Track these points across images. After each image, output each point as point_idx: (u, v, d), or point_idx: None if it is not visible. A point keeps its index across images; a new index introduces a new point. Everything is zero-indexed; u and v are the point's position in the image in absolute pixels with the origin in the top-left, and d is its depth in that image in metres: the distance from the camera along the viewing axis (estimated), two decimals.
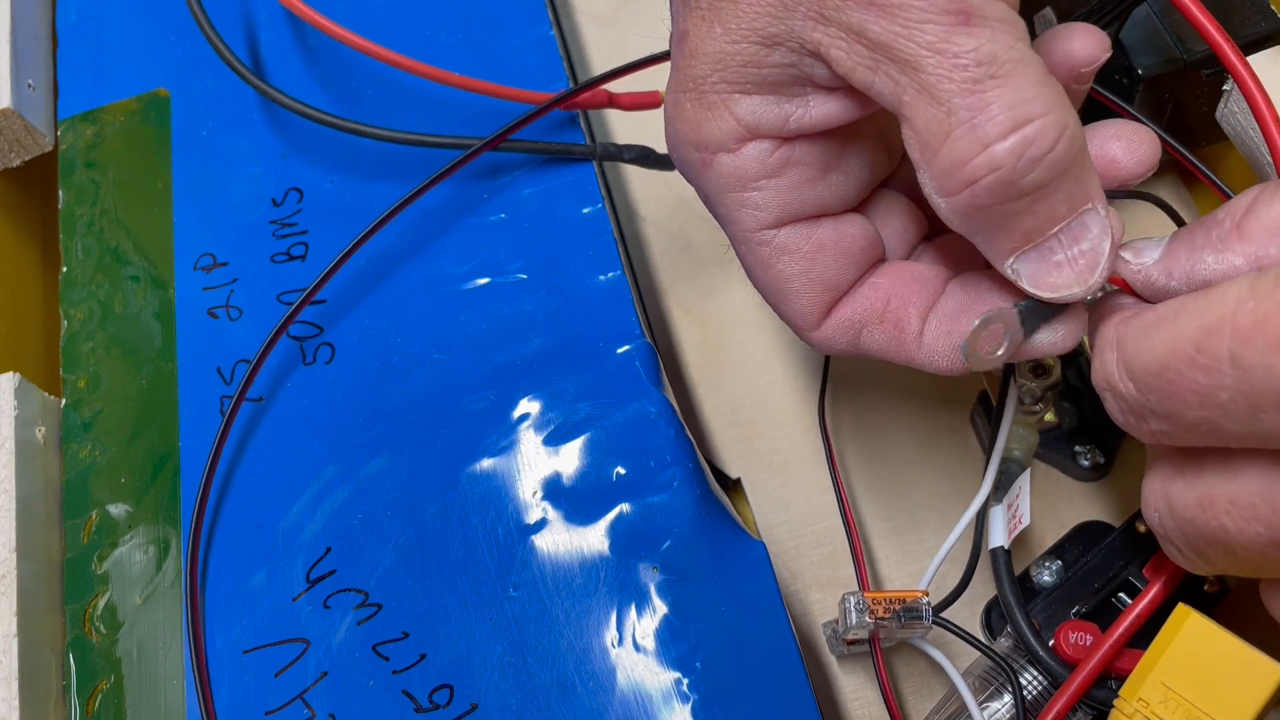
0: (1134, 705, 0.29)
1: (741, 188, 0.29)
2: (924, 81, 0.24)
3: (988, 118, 0.24)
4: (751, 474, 0.41)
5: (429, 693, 0.34)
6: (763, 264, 0.30)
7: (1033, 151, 0.24)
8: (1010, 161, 0.24)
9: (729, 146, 0.29)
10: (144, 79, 0.46)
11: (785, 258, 0.30)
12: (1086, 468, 0.39)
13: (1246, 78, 0.28)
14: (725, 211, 0.30)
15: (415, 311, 0.40)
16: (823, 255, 0.30)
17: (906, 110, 0.25)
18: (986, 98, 0.24)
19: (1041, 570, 0.36)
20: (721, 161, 0.29)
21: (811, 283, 0.30)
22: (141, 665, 0.36)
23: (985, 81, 0.24)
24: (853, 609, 0.33)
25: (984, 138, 0.24)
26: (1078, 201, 0.26)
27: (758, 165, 0.29)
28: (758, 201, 0.29)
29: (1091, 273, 0.27)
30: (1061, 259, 0.27)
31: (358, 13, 0.46)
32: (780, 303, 0.31)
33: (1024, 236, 0.26)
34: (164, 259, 0.42)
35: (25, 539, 0.37)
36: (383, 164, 0.43)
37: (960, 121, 0.24)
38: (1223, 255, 0.26)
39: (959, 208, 0.26)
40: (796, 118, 0.28)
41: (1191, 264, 0.27)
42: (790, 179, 0.29)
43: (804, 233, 0.29)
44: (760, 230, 0.29)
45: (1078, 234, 0.26)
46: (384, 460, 0.37)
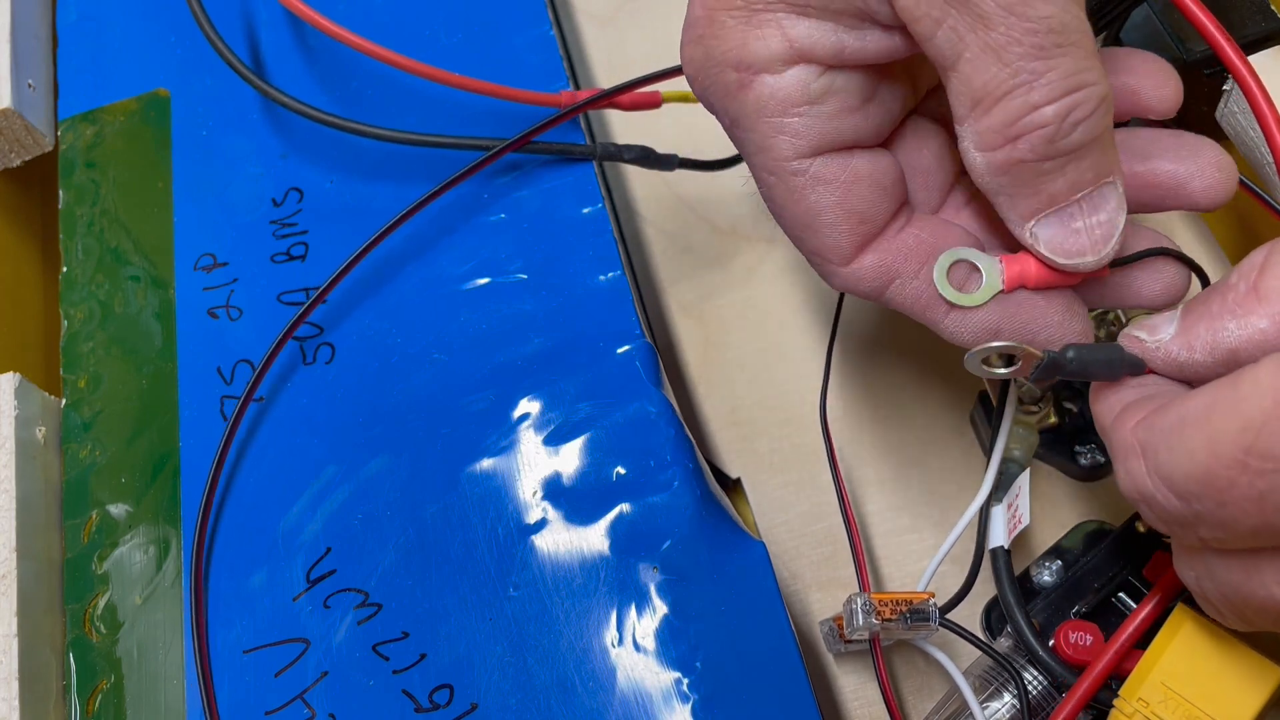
0: (1134, 705, 0.29)
1: (782, 112, 0.28)
2: (992, 40, 0.25)
3: (1046, 82, 0.25)
4: (751, 474, 0.41)
5: (429, 692, 0.34)
6: (795, 194, 0.29)
7: (1076, 115, 0.26)
8: (1056, 121, 0.25)
9: (774, 68, 0.28)
10: (144, 79, 0.46)
11: (821, 187, 0.29)
12: (1086, 468, 0.39)
13: (1247, 77, 0.28)
14: (758, 138, 0.29)
15: (415, 311, 0.40)
16: (859, 185, 0.29)
17: (964, 66, 0.25)
18: (1050, 63, 0.25)
19: (1041, 570, 0.36)
20: (764, 83, 0.28)
21: (847, 214, 0.29)
22: (141, 665, 0.36)
23: (1052, 50, 0.25)
24: (859, 610, 0.33)
25: (1037, 99, 0.25)
26: (1103, 172, 0.27)
27: (801, 90, 0.28)
28: (796, 128, 0.28)
29: (1106, 243, 0.28)
30: (1080, 226, 0.28)
31: (358, 13, 0.46)
32: (811, 235, 0.30)
33: (1050, 198, 0.27)
34: (164, 259, 0.42)
35: (25, 539, 0.37)
36: (383, 164, 0.43)
37: (1021, 83, 0.25)
38: (1245, 320, 0.25)
39: (998, 162, 0.26)
40: (853, 49, 0.28)
41: (1213, 334, 0.26)
42: (831, 106, 0.28)
43: (840, 163, 0.29)
44: (796, 159, 0.29)
45: (1098, 203, 0.27)
46: (384, 460, 0.37)
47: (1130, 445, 0.25)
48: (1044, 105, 0.25)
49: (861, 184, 0.29)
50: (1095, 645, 0.32)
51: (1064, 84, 0.25)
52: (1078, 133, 0.26)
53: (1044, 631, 0.34)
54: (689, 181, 0.46)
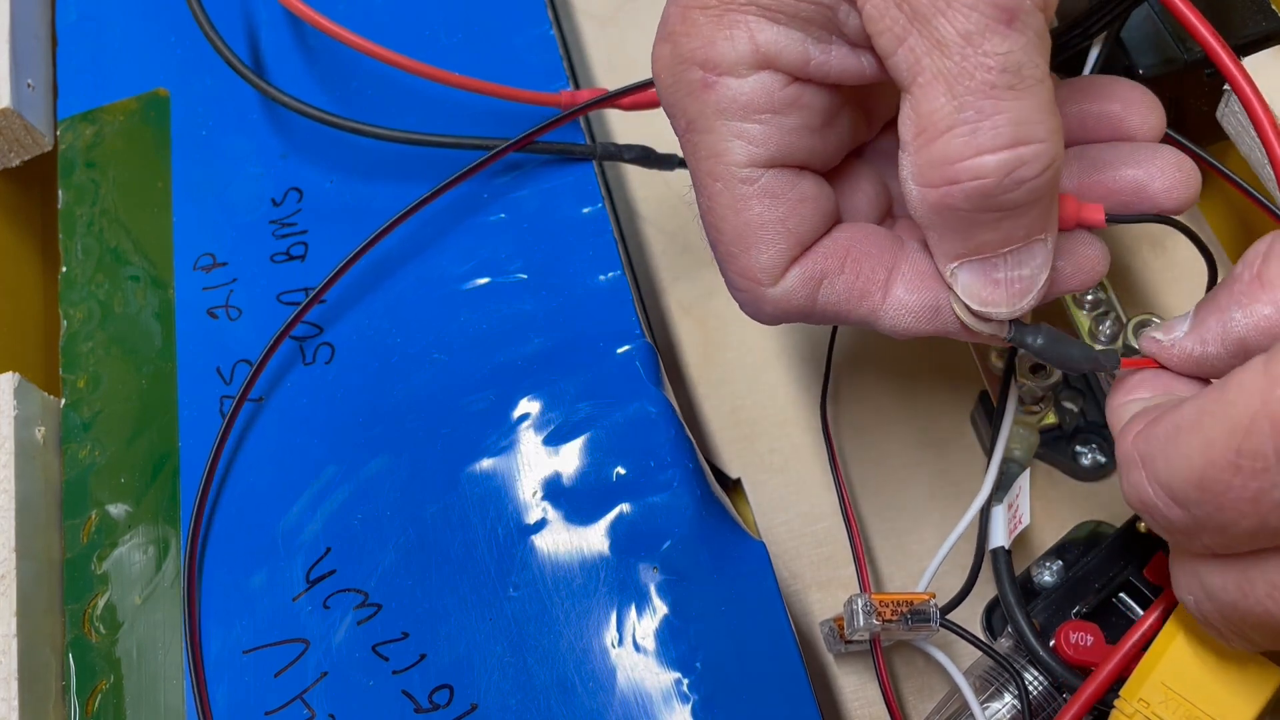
0: (1134, 705, 0.29)
1: (742, 116, 0.28)
2: (945, 68, 0.24)
3: (992, 126, 0.24)
4: (751, 474, 0.41)
5: (429, 693, 0.34)
6: (739, 204, 0.28)
7: (1020, 173, 0.25)
8: (997, 175, 0.25)
9: (738, 70, 0.27)
10: (144, 79, 0.46)
11: (767, 201, 0.28)
12: (1086, 468, 0.39)
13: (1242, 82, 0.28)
14: (713, 140, 0.28)
15: (415, 311, 0.40)
16: (804, 207, 0.28)
17: (916, 90, 0.25)
18: (999, 104, 0.24)
19: (1042, 570, 0.36)
20: (727, 84, 0.27)
21: (787, 233, 0.28)
22: (141, 665, 0.36)
23: (1003, 90, 0.24)
24: (860, 611, 0.33)
25: (980, 145, 0.24)
26: (1035, 231, 0.26)
27: (765, 96, 0.27)
28: (754, 135, 0.28)
29: (1022, 298, 0.27)
30: (1000, 278, 0.27)
31: (358, 13, 0.46)
32: (744, 250, 0.29)
33: (976, 247, 0.27)
34: (164, 259, 0.42)
35: (25, 539, 0.37)
36: (383, 164, 0.43)
37: (965, 120, 0.24)
38: (1250, 309, 0.26)
39: (931, 201, 0.26)
40: (818, 62, 0.27)
41: (1222, 326, 0.26)
42: (793, 121, 0.28)
43: (790, 180, 0.28)
44: (749, 166, 0.28)
45: (1023, 258, 0.27)
46: (384, 460, 0.37)
47: (1131, 457, 0.25)
48: (987, 153, 0.24)
49: (806, 204, 0.29)
50: (1096, 646, 0.32)
51: (1011, 133, 0.24)
52: (1018, 193, 0.25)
53: (1045, 632, 0.33)
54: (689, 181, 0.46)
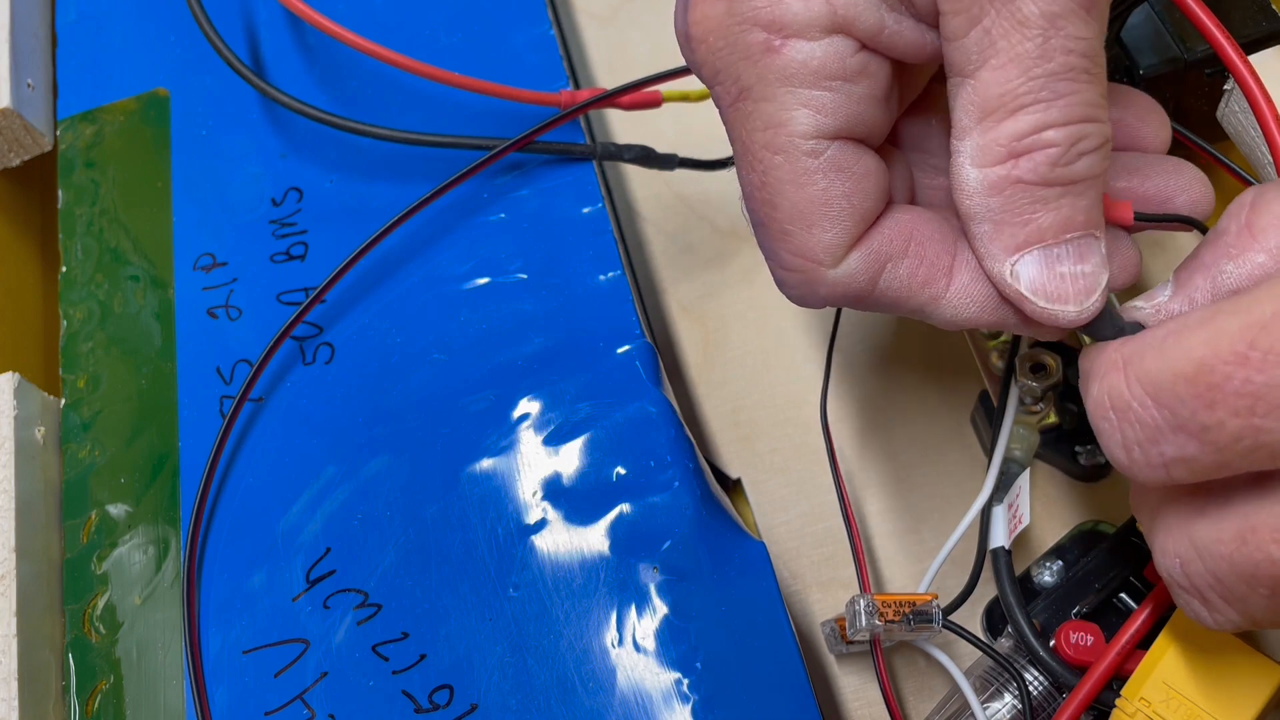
0: (1136, 705, 0.29)
1: (811, 83, 0.26)
2: (1024, 50, 0.24)
3: (1065, 104, 0.24)
4: (751, 474, 0.41)
5: (429, 693, 0.34)
6: (800, 179, 0.27)
7: (1083, 145, 0.25)
8: (1066, 144, 0.25)
9: (810, 33, 0.26)
10: (144, 79, 0.46)
11: (833, 175, 0.26)
12: (1086, 468, 0.39)
13: (1247, 77, 0.28)
14: (773, 110, 0.26)
15: (415, 311, 0.40)
16: (868, 182, 0.27)
17: (986, 74, 0.25)
18: (1075, 86, 0.24)
19: (1042, 570, 0.36)
20: (795, 48, 0.26)
21: (852, 210, 0.27)
22: (141, 665, 0.36)
23: (1079, 74, 0.24)
24: (862, 612, 0.33)
25: (1051, 119, 0.25)
26: (1092, 221, 0.26)
27: (838, 62, 0.26)
28: (824, 103, 0.26)
29: (1089, 296, 0.26)
30: (1065, 272, 0.26)
31: (358, 13, 0.46)
32: (804, 229, 0.27)
33: (1037, 232, 0.26)
34: (164, 259, 0.42)
35: (25, 539, 0.37)
36: (383, 164, 0.43)
37: (1042, 100, 0.24)
38: (1242, 259, 0.25)
39: (993, 179, 0.25)
40: (890, 31, 0.26)
41: (1211, 281, 0.25)
42: (862, 89, 0.26)
43: (855, 153, 0.27)
44: (817, 138, 0.26)
45: (1084, 253, 0.26)
46: (384, 460, 0.37)
47: (1112, 361, 0.24)
48: (1056, 126, 0.25)
49: (870, 181, 0.27)
50: (1096, 646, 0.32)
51: (1081, 111, 0.25)
52: (1081, 164, 0.25)
53: (1045, 632, 0.33)
54: (689, 181, 0.46)
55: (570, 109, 0.40)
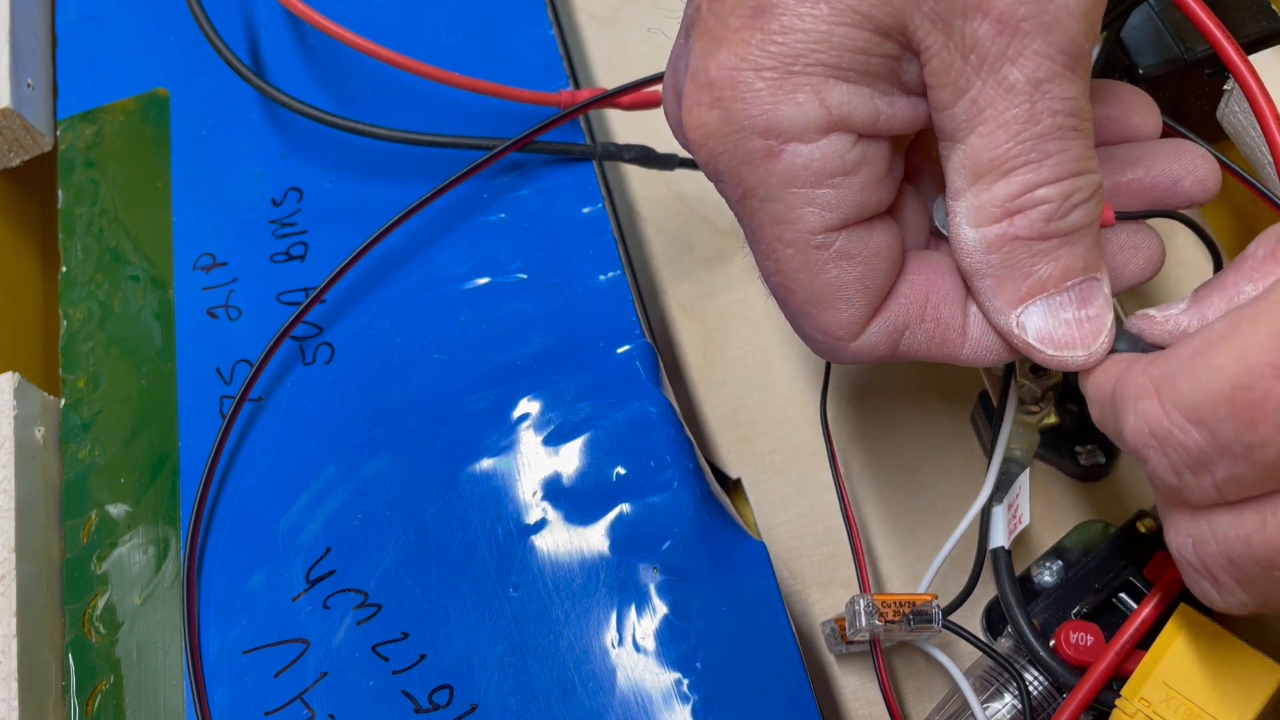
0: (1136, 705, 0.29)
1: (813, 183, 0.26)
2: (1011, 116, 0.25)
3: (1055, 163, 0.25)
4: (751, 474, 0.41)
5: (429, 693, 0.34)
6: (815, 268, 0.27)
7: (1076, 198, 0.26)
8: (1059, 199, 0.25)
9: (807, 136, 0.26)
10: (144, 79, 0.46)
11: (844, 263, 0.27)
12: (1086, 468, 0.39)
13: (1248, 77, 0.28)
14: (780, 209, 0.27)
15: (415, 311, 0.40)
16: (879, 260, 0.28)
17: (975, 139, 0.25)
18: (1064, 145, 0.25)
19: (1042, 570, 0.36)
20: (794, 152, 0.26)
21: (865, 290, 0.28)
22: (141, 665, 0.36)
23: (1068, 132, 0.25)
24: (862, 612, 0.33)
25: (1043, 177, 0.25)
26: (1092, 264, 0.27)
27: (837, 159, 0.26)
28: (828, 200, 0.27)
29: (1096, 339, 0.27)
30: (1070, 318, 0.27)
31: (358, 13, 0.46)
32: (823, 311, 0.28)
33: (1040, 284, 0.27)
34: (163, 259, 0.42)
35: (25, 539, 0.37)
36: (382, 164, 0.43)
37: (1031, 162, 0.25)
38: (1262, 281, 0.25)
39: (991, 238, 0.26)
40: (885, 116, 0.27)
41: (1227, 301, 0.26)
42: (863, 178, 0.27)
43: (862, 237, 0.28)
44: (824, 232, 0.27)
45: (1087, 296, 0.27)
46: (384, 460, 0.37)
47: (1142, 386, 0.24)
48: (1049, 184, 0.25)
49: (881, 257, 0.28)
50: (1096, 646, 0.32)
51: (1071, 167, 0.25)
52: (1075, 215, 0.26)
53: (1045, 632, 0.33)
54: (689, 181, 0.46)
55: (570, 109, 0.40)
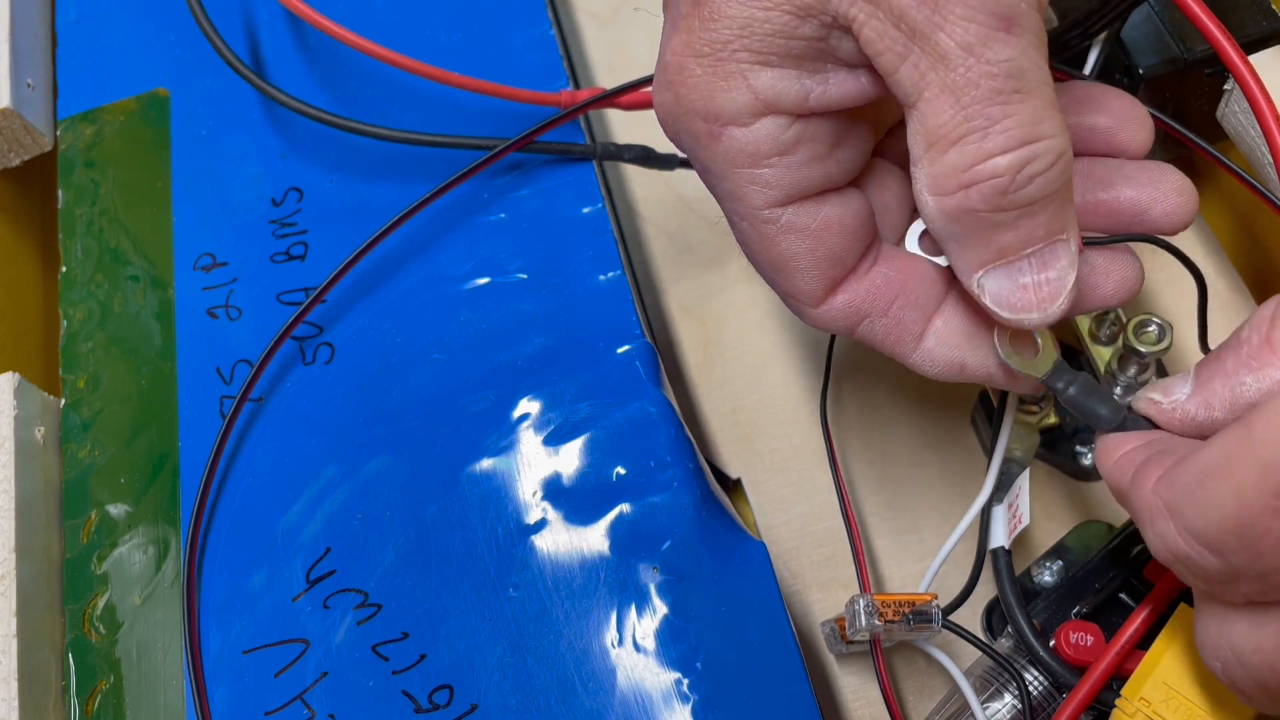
0: (1136, 705, 0.29)
1: (751, 164, 0.28)
2: (950, 81, 0.25)
3: (1002, 129, 0.25)
4: (751, 474, 0.41)
5: (429, 693, 0.34)
6: (767, 241, 0.29)
7: (1031, 169, 0.25)
8: (1010, 173, 0.25)
9: (741, 120, 0.27)
10: (144, 79, 0.46)
11: (791, 236, 0.29)
12: (1086, 468, 0.39)
13: (1248, 77, 0.28)
14: (730, 187, 0.29)
15: (415, 311, 0.40)
16: (829, 233, 0.29)
17: (923, 106, 0.25)
18: (1007, 109, 0.25)
19: (1042, 570, 0.36)
20: (732, 135, 0.28)
21: (817, 260, 0.29)
22: (141, 665, 0.36)
23: (1009, 95, 0.25)
24: (861, 611, 0.33)
25: (991, 148, 0.25)
26: (1055, 229, 0.27)
27: (770, 142, 0.28)
28: (767, 179, 0.28)
29: (1053, 302, 0.27)
30: (1028, 282, 0.27)
31: (358, 13, 0.46)
32: (783, 279, 0.30)
33: (998, 251, 0.27)
34: (164, 259, 0.42)
35: (25, 539, 0.37)
36: (382, 164, 0.43)
37: (975, 129, 0.25)
38: (1262, 374, 0.25)
39: (948, 208, 0.26)
40: (816, 95, 0.27)
41: (1230, 390, 0.26)
42: (801, 156, 0.28)
43: (810, 210, 0.29)
44: (768, 208, 0.28)
45: (1048, 260, 0.27)
46: (384, 460, 0.37)
47: (1155, 506, 0.25)
48: (998, 154, 0.25)
49: (831, 231, 0.29)
50: (1096, 646, 0.32)
51: (1020, 133, 0.25)
52: (1032, 187, 0.25)
53: (1045, 632, 0.33)
54: (689, 181, 0.46)
55: (570, 109, 0.40)
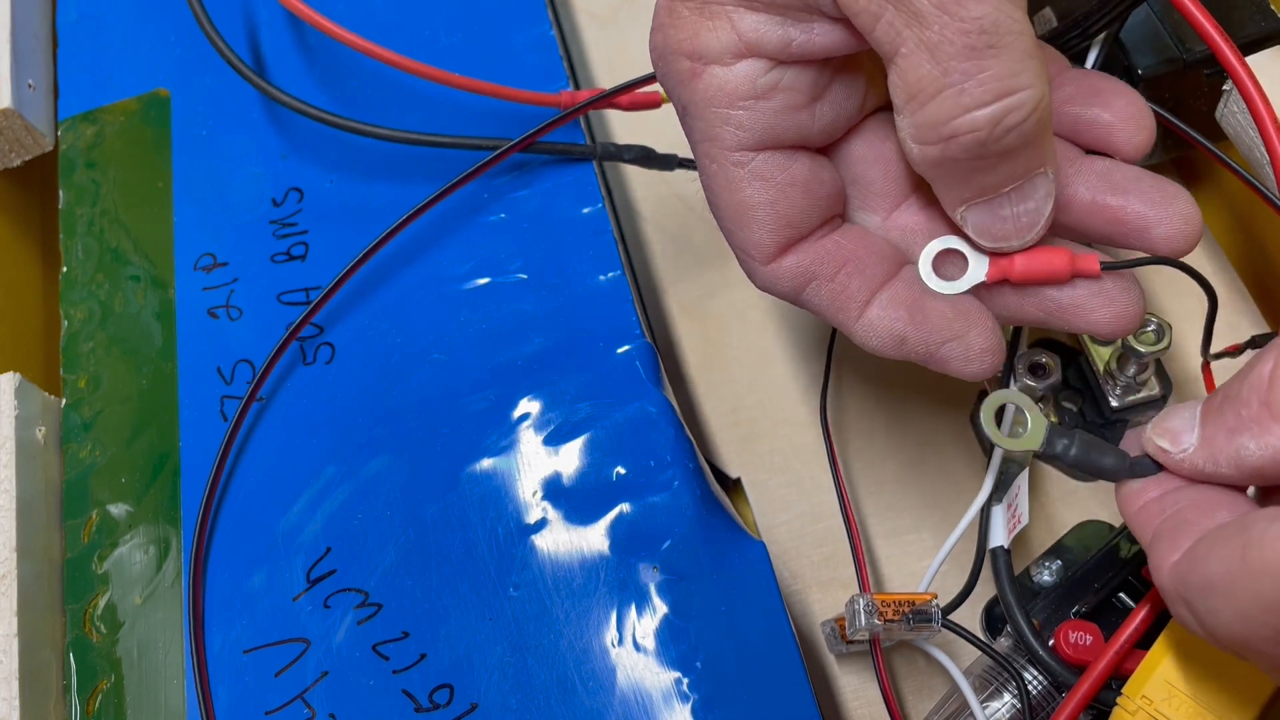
0: (1137, 703, 0.29)
1: (729, 104, 0.29)
2: (925, 38, 0.25)
3: (978, 84, 0.25)
4: (751, 474, 0.41)
5: (429, 692, 0.34)
6: (732, 186, 0.30)
7: (1009, 120, 0.26)
8: (989, 126, 0.26)
9: (723, 60, 0.28)
10: (144, 79, 0.46)
11: (757, 183, 0.29)
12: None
13: (1245, 78, 0.28)
14: (705, 126, 0.29)
15: (415, 311, 0.40)
16: (793, 190, 0.30)
17: (901, 61, 0.26)
18: (982, 64, 0.25)
19: (1041, 570, 0.36)
20: (713, 73, 0.29)
21: (777, 215, 0.30)
22: (141, 665, 0.36)
23: (984, 50, 0.25)
24: (861, 611, 0.33)
25: (969, 102, 0.26)
26: (1034, 165, 0.28)
27: (748, 83, 0.29)
28: (742, 120, 0.29)
29: (1030, 230, 0.29)
30: (1007, 214, 0.29)
31: (358, 13, 0.46)
32: (739, 228, 0.30)
33: (980, 190, 0.28)
34: (164, 259, 0.42)
35: (25, 539, 0.37)
36: (383, 164, 0.43)
37: (952, 83, 0.25)
38: (1263, 440, 0.26)
39: (931, 157, 0.27)
40: (799, 42, 0.28)
41: (1235, 450, 0.26)
42: (777, 102, 0.29)
43: (781, 162, 0.30)
44: (739, 150, 0.29)
45: (1026, 193, 0.28)
46: (384, 460, 0.37)
47: (1173, 592, 0.26)
48: (975, 109, 0.26)
49: (796, 189, 0.30)
50: (1095, 645, 0.32)
51: (997, 86, 0.25)
52: (1011, 137, 0.26)
53: (1044, 631, 0.33)
54: (689, 181, 0.46)
55: (570, 109, 0.40)
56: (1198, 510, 0.27)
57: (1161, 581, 0.26)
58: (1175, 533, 0.26)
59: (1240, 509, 0.27)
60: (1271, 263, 0.43)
